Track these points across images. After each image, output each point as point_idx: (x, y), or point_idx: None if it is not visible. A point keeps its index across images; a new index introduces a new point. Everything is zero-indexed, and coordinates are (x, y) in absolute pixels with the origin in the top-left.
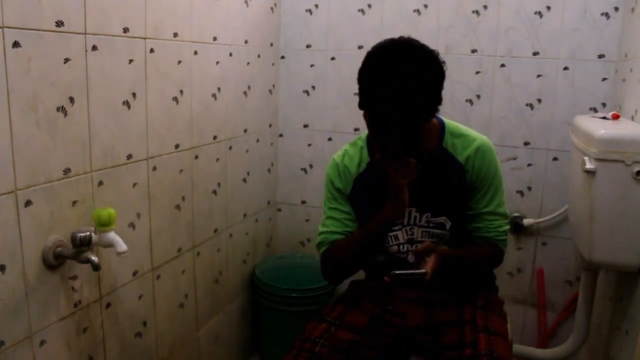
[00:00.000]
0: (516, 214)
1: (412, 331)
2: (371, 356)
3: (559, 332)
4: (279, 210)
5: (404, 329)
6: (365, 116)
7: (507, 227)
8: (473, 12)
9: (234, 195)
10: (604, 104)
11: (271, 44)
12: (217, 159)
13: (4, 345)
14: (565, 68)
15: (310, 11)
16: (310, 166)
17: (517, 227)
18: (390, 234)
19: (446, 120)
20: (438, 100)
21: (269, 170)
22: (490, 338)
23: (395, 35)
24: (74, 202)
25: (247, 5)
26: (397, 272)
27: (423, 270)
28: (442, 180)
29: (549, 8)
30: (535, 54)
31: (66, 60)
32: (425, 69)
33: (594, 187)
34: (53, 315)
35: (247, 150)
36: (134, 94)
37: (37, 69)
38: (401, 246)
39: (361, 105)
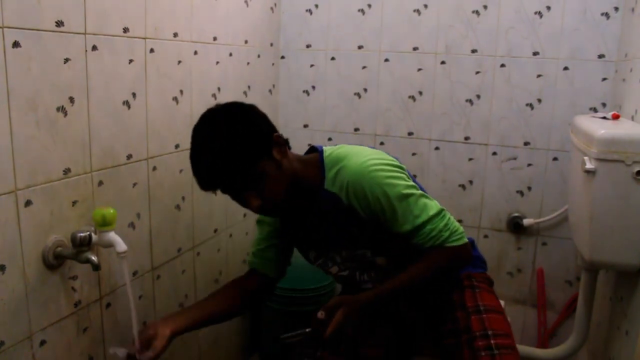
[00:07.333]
0: (516, 214)
1: (410, 322)
2: (374, 356)
3: (559, 332)
4: None
5: (403, 320)
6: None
7: (441, 223)
8: (473, 12)
9: None
10: (604, 104)
11: (271, 44)
12: None
13: (4, 345)
14: (565, 68)
15: (310, 11)
16: None
17: (517, 227)
18: (318, 263)
19: (326, 154)
20: (247, 150)
21: None
22: (482, 317)
23: (395, 35)
24: (74, 202)
25: (247, 5)
26: (283, 335)
27: (307, 330)
28: (339, 222)
29: (549, 8)
30: (535, 54)
31: (66, 60)
32: (213, 128)
33: (593, 187)
34: (53, 315)
35: None
36: (134, 94)
37: (37, 69)
38: (339, 269)
39: None
